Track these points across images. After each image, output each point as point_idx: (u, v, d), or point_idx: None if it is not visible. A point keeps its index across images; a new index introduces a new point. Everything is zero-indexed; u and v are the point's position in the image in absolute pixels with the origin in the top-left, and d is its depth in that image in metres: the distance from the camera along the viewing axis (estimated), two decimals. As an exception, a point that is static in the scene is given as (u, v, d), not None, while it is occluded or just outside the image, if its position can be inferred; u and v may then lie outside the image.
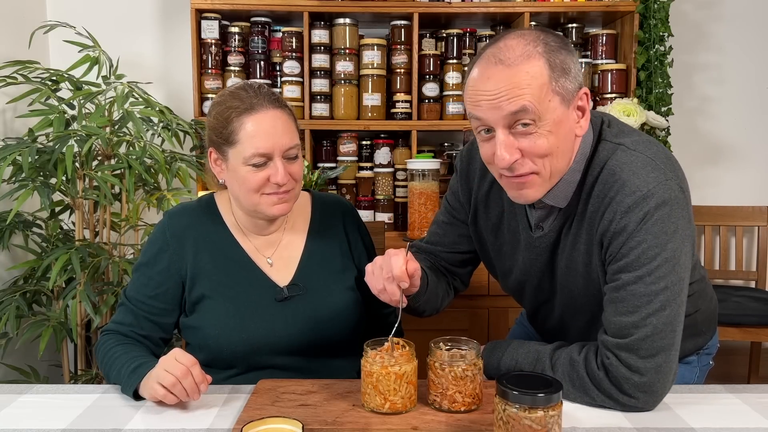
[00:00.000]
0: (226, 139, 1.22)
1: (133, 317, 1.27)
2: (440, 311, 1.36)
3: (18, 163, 1.91)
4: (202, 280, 1.27)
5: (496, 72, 1.02)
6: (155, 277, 1.27)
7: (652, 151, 1.08)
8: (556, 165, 1.06)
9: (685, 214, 1.05)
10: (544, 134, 1.03)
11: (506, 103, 1.01)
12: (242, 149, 1.21)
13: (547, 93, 1.02)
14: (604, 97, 2.53)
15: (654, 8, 2.41)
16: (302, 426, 0.88)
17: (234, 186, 1.26)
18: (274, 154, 1.21)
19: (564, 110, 1.04)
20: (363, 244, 1.42)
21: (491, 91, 1.02)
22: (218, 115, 1.24)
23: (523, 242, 1.22)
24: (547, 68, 1.02)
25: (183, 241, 1.29)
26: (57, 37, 2.29)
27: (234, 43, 2.52)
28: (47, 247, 2.04)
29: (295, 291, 1.29)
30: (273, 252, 1.33)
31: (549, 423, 0.84)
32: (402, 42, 2.55)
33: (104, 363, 1.20)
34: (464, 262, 1.39)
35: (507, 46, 1.03)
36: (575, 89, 1.05)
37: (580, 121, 1.08)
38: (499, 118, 1.03)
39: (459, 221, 1.35)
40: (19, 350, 2.05)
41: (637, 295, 1.03)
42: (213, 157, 1.28)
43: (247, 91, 1.25)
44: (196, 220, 1.32)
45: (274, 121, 1.22)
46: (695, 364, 1.33)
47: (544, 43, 1.04)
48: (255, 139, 1.20)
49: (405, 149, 2.63)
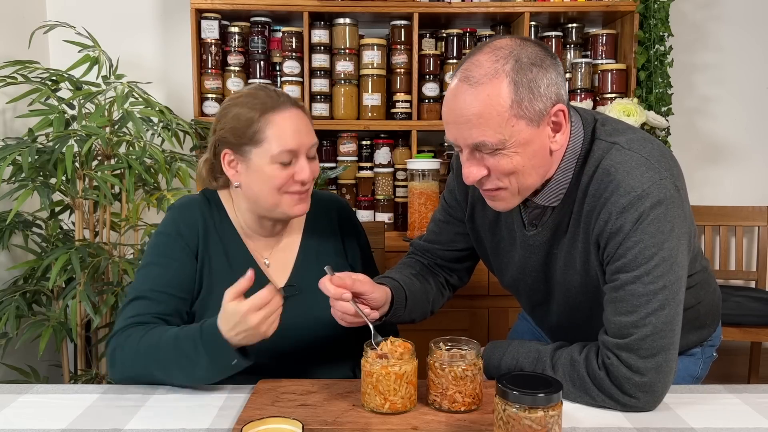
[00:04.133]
0: (250, 139, 1.23)
1: (150, 305, 1.21)
2: (435, 312, 1.38)
3: (18, 163, 1.91)
4: (208, 274, 1.27)
5: (461, 91, 1.04)
6: (173, 264, 1.25)
7: (646, 150, 1.08)
8: (523, 182, 1.08)
9: (681, 212, 1.06)
10: (509, 155, 1.04)
11: (467, 133, 1.04)
12: (269, 147, 1.22)
13: (509, 120, 1.02)
14: (604, 97, 2.53)
15: (654, 8, 2.41)
16: (302, 426, 0.88)
17: (254, 186, 1.25)
18: (300, 152, 1.24)
19: (532, 130, 1.04)
20: (358, 243, 1.43)
21: (456, 112, 1.05)
22: (239, 115, 1.23)
23: (519, 240, 1.23)
24: (510, 91, 1.01)
25: (194, 231, 1.28)
26: (57, 37, 2.29)
27: (234, 43, 2.52)
28: (47, 247, 2.04)
29: (291, 292, 1.29)
30: (270, 254, 1.34)
31: (549, 423, 0.84)
32: (402, 42, 2.55)
33: (146, 354, 1.13)
34: (462, 259, 1.40)
35: (476, 63, 1.04)
36: (546, 107, 1.04)
37: (555, 136, 1.07)
38: (462, 143, 1.07)
39: (456, 219, 1.36)
40: (19, 350, 2.05)
41: (635, 295, 1.03)
42: (227, 159, 1.27)
43: (265, 91, 1.26)
44: (204, 212, 1.31)
45: (299, 120, 1.25)
46: (699, 356, 1.33)
47: (516, 59, 1.02)
48: (283, 136, 1.22)
49: (405, 149, 2.63)
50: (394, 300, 1.22)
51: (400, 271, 1.34)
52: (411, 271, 1.36)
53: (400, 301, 1.24)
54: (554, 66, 1.05)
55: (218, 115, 1.29)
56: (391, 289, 1.23)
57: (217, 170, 1.32)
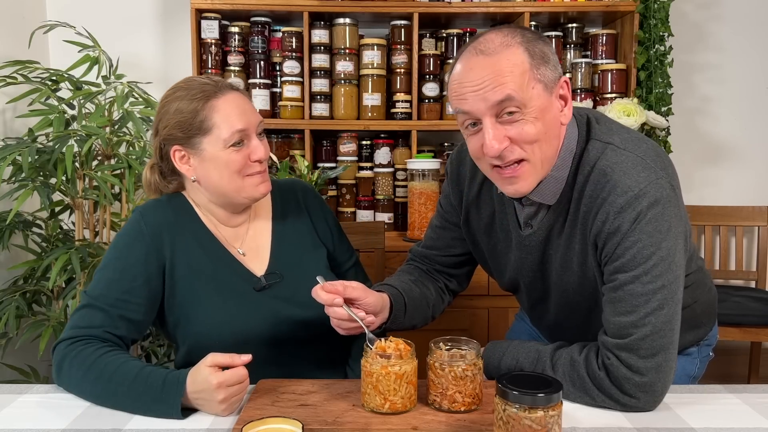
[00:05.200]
0: (198, 129, 1.22)
1: (104, 317, 1.17)
2: (436, 318, 1.38)
3: (18, 163, 1.91)
4: (182, 273, 1.24)
5: (478, 62, 1.04)
6: (129, 270, 1.20)
7: (641, 150, 1.08)
8: (545, 151, 1.08)
9: (677, 212, 1.06)
10: (531, 121, 1.04)
11: (491, 93, 1.03)
12: (219, 132, 1.22)
13: (530, 80, 1.03)
14: (604, 97, 2.53)
15: (654, 8, 2.41)
16: (302, 426, 0.88)
17: (213, 175, 1.24)
18: (250, 131, 1.24)
19: (548, 97, 1.06)
20: (326, 222, 1.43)
21: (474, 81, 1.04)
22: (181, 109, 1.23)
23: (514, 240, 1.23)
24: (527, 56, 1.04)
25: (159, 233, 1.25)
26: (57, 37, 2.29)
27: (234, 43, 2.52)
28: (47, 247, 2.04)
29: (273, 279, 1.29)
30: (241, 243, 1.33)
31: (549, 423, 0.84)
32: (402, 42, 2.55)
33: (92, 376, 1.09)
34: (460, 264, 1.40)
35: (486, 39, 1.06)
36: (556, 78, 1.07)
37: (563, 109, 1.09)
38: (485, 108, 1.04)
39: (452, 224, 1.36)
40: (19, 350, 2.05)
41: (634, 295, 1.03)
42: (178, 155, 1.25)
43: (198, 80, 1.27)
44: (169, 213, 1.28)
45: (241, 101, 1.26)
46: (695, 356, 1.33)
47: (522, 34, 1.06)
48: (231, 118, 1.22)
49: (405, 149, 2.63)
50: (393, 307, 1.22)
51: (398, 278, 1.34)
52: (409, 277, 1.36)
53: (400, 307, 1.24)
54: (551, 45, 1.10)
55: (158, 116, 1.28)
56: (390, 297, 1.23)
57: (167, 172, 1.31)
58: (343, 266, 1.44)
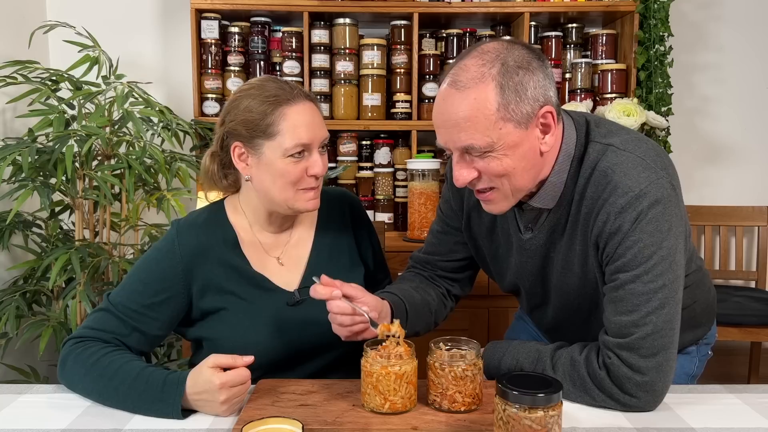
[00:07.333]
0: (263, 132, 1.19)
1: (118, 324, 1.18)
2: (439, 323, 1.38)
3: (18, 163, 1.91)
4: (211, 297, 1.24)
5: (449, 95, 1.05)
6: (154, 285, 1.21)
7: (641, 150, 1.08)
8: (515, 183, 1.08)
9: (678, 211, 1.06)
10: (499, 157, 1.05)
11: (456, 137, 1.05)
12: (283, 141, 1.19)
13: (496, 123, 1.02)
14: (604, 97, 2.53)
15: (654, 8, 2.41)
16: (302, 426, 0.88)
17: (266, 180, 1.22)
18: (313, 146, 1.22)
19: (521, 132, 1.04)
20: (369, 240, 1.41)
21: (444, 115, 1.06)
22: (251, 108, 1.20)
23: (515, 245, 1.23)
24: (496, 94, 1.02)
25: (191, 256, 1.24)
26: (57, 37, 2.29)
27: (234, 43, 2.52)
28: (47, 247, 2.04)
29: (306, 294, 1.25)
30: (282, 251, 1.31)
31: (549, 423, 0.84)
32: (402, 42, 2.55)
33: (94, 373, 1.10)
34: (462, 269, 1.40)
35: (463, 68, 1.05)
36: (534, 109, 1.04)
37: (544, 138, 1.08)
38: (452, 146, 1.07)
39: (453, 229, 1.36)
40: (19, 350, 2.05)
41: (635, 294, 1.03)
42: (238, 152, 1.23)
43: (277, 83, 1.23)
44: (203, 238, 1.26)
45: (312, 113, 1.23)
46: (694, 354, 1.34)
47: (502, 63, 1.03)
48: (298, 130, 1.19)
49: (405, 149, 2.63)
50: (394, 314, 1.22)
51: (398, 286, 1.33)
52: (410, 284, 1.35)
53: (401, 314, 1.23)
54: (541, 68, 1.05)
55: (227, 107, 1.25)
56: (391, 304, 1.22)
57: (226, 163, 1.29)
58: (378, 286, 1.39)
